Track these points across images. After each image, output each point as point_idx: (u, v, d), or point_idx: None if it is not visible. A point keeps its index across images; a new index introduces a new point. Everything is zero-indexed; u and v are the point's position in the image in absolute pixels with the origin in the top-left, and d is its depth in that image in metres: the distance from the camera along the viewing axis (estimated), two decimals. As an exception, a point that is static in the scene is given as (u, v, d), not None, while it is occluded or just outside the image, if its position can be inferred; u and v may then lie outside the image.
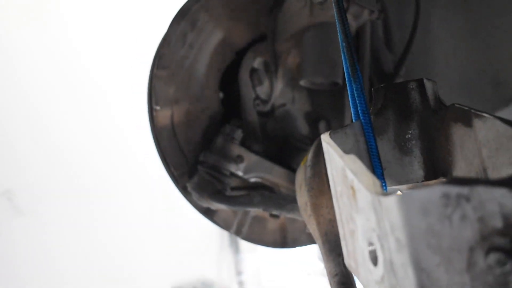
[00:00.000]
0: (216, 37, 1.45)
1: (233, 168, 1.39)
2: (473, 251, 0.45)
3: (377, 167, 0.67)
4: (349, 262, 0.65)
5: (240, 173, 1.41)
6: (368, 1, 1.36)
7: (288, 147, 1.47)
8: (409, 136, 0.75)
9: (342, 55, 0.75)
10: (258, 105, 1.47)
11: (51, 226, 2.88)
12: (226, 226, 1.51)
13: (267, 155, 1.45)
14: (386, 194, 0.49)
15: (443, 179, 0.73)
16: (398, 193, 0.49)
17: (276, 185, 1.44)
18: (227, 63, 1.50)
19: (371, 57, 1.59)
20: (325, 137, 0.68)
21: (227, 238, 4.40)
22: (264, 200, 1.35)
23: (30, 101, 2.90)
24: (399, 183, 0.73)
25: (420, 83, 0.74)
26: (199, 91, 1.45)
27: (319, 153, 0.97)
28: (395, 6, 1.68)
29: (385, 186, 0.69)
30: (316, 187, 0.96)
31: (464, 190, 0.45)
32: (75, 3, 3.08)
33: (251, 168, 1.41)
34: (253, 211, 1.50)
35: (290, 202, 1.31)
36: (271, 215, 1.52)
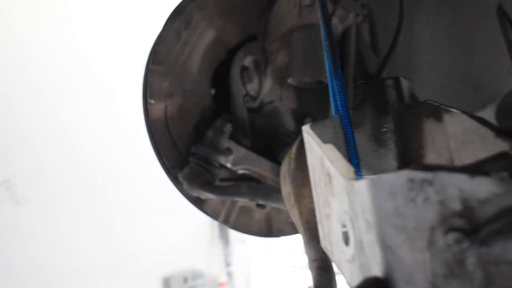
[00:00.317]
0: (209, 35, 1.44)
1: (222, 160, 1.38)
2: (434, 231, 0.46)
3: (353, 157, 0.69)
4: (324, 244, 0.67)
5: (229, 165, 1.40)
6: (354, 5, 1.36)
7: (275, 142, 1.46)
8: (385, 130, 0.76)
9: (324, 53, 0.76)
10: (247, 101, 1.46)
11: (47, 214, 2.87)
12: (215, 215, 1.51)
13: (255, 148, 1.44)
14: (358, 179, 0.51)
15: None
16: (368, 178, 0.50)
17: (262, 176, 1.44)
18: (219, 61, 1.49)
19: (356, 58, 1.59)
20: (306, 128, 0.69)
21: (217, 230, 4.39)
22: (251, 191, 1.35)
23: (31, 95, 2.90)
24: (374, 172, 0.74)
25: (397, 80, 0.76)
26: (192, 86, 1.44)
27: (302, 147, 0.98)
28: (382, 11, 1.68)
29: (360, 175, 0.71)
30: (299, 179, 0.97)
31: (428, 176, 0.47)
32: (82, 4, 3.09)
33: (239, 161, 1.41)
34: (241, 202, 1.51)
35: (275, 192, 1.32)
36: (257, 206, 1.53)
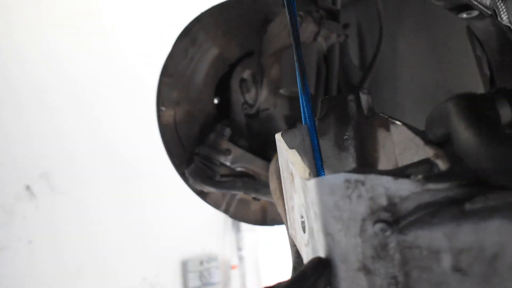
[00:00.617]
0: (212, 52, 1.49)
1: (222, 159, 1.43)
2: (364, 222, 0.51)
3: (318, 160, 0.74)
4: (291, 231, 0.72)
5: (228, 163, 1.45)
6: (336, 27, 1.41)
7: (269, 144, 1.50)
8: (346, 137, 0.80)
9: (296, 74, 0.80)
10: (245, 108, 1.50)
11: (81, 202, 2.92)
12: (216, 206, 1.56)
13: (251, 149, 1.48)
14: (309, 179, 0.56)
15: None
16: (315, 178, 0.55)
17: (257, 174, 1.48)
18: (221, 74, 1.53)
19: (341, 71, 1.63)
20: (278, 136, 0.75)
21: (230, 219, 4.43)
22: (245, 185, 1.40)
23: (69, 95, 2.93)
24: (336, 172, 0.79)
25: (357, 96, 0.80)
26: (197, 95, 1.49)
27: (288, 148, 1.03)
28: (370, 31, 1.71)
29: (323, 175, 0.75)
30: (284, 176, 1.02)
31: (361, 177, 0.51)
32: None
33: (237, 160, 1.45)
34: (239, 195, 1.56)
35: (265, 187, 1.37)
36: (253, 198, 1.58)
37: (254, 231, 4.05)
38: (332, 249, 0.52)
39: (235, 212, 1.58)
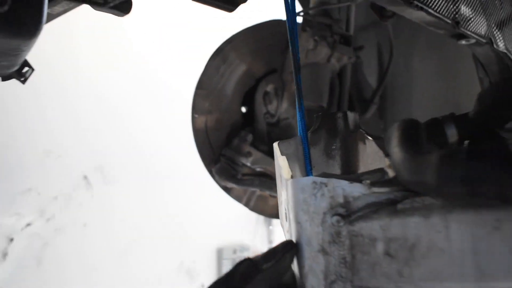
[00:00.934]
0: (241, 69, 1.57)
1: (244, 160, 1.52)
2: (325, 214, 0.59)
3: (308, 165, 0.82)
4: (281, 221, 0.82)
5: (249, 164, 1.54)
6: (347, 50, 1.48)
7: None
8: (334, 147, 0.87)
9: (296, 95, 0.88)
10: (267, 118, 1.59)
11: (131, 194, 3.00)
12: (238, 199, 1.65)
13: (270, 153, 1.55)
14: (289, 180, 0.64)
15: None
16: (292, 179, 0.63)
17: (274, 174, 1.55)
18: (248, 87, 1.61)
19: (355, 87, 1.69)
20: (275, 144, 0.83)
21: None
22: (261, 183, 1.50)
23: (120, 101, 3.02)
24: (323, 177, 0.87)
25: (345, 114, 0.88)
26: (226, 105, 1.57)
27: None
28: (388, 51, 1.76)
29: None
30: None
31: (324, 180, 0.60)
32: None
33: (256, 161, 1.54)
34: (258, 192, 1.65)
35: None
36: (270, 196, 1.67)
37: (284, 226, 4.08)
38: (300, 235, 0.59)
39: (254, 206, 1.67)
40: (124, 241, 2.96)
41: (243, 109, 1.65)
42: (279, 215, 0.83)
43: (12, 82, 1.02)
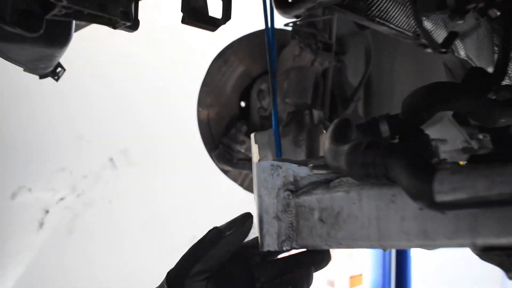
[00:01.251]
0: (239, 70, 1.66)
1: (239, 147, 1.62)
2: (279, 190, 0.68)
3: (278, 152, 0.92)
4: (254, 198, 0.92)
5: (243, 151, 1.64)
6: (328, 56, 1.56)
7: None
8: (301, 138, 0.97)
9: (271, 95, 0.96)
10: (260, 112, 1.68)
11: (152, 175, 3.03)
12: (234, 180, 1.76)
13: None
14: (256, 163, 0.72)
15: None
16: (257, 162, 0.70)
17: None
18: (245, 85, 1.70)
19: (338, 87, 1.77)
20: (252, 135, 0.92)
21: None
22: (252, 167, 1.59)
23: (144, 90, 3.05)
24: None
25: (311, 111, 0.99)
26: (226, 101, 1.67)
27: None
28: (375, 54, 1.81)
29: None
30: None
31: (279, 163, 0.69)
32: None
33: (249, 148, 1.60)
34: (251, 174, 1.74)
35: None
36: None
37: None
38: (261, 205, 0.68)
39: (248, 186, 1.78)
40: (144, 215, 3.01)
41: (243, 104, 1.74)
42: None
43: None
